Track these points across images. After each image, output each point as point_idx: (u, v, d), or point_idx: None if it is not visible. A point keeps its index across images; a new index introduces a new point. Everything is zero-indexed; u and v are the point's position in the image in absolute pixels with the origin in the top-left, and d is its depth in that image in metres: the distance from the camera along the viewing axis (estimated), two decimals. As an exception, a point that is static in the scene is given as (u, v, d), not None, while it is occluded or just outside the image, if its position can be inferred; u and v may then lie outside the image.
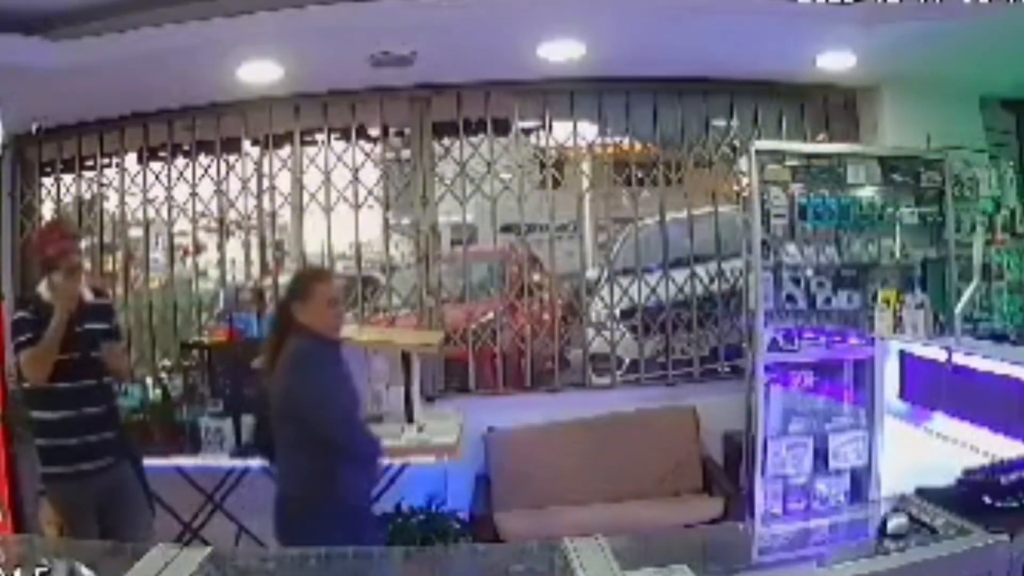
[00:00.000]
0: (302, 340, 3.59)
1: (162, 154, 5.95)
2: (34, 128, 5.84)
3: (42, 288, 3.87)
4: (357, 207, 5.88)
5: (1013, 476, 2.28)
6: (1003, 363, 3.82)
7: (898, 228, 5.25)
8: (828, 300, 5.19)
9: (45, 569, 1.92)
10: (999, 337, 4.20)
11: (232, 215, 6.05)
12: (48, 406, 3.81)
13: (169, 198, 5.97)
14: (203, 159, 5.96)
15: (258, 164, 6.00)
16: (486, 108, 5.84)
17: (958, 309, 4.46)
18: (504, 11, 4.61)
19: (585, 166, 6.21)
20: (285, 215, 6.33)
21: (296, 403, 3.55)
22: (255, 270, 6.29)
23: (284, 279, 6.44)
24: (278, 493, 3.68)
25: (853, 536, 2.56)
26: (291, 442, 3.60)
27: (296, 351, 3.58)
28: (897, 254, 5.22)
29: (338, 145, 5.91)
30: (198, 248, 6.30)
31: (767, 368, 4.97)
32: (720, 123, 6.04)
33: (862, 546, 2.29)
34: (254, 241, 6.24)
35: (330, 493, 3.48)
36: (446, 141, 5.95)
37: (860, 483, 4.98)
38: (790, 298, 5.14)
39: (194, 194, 5.97)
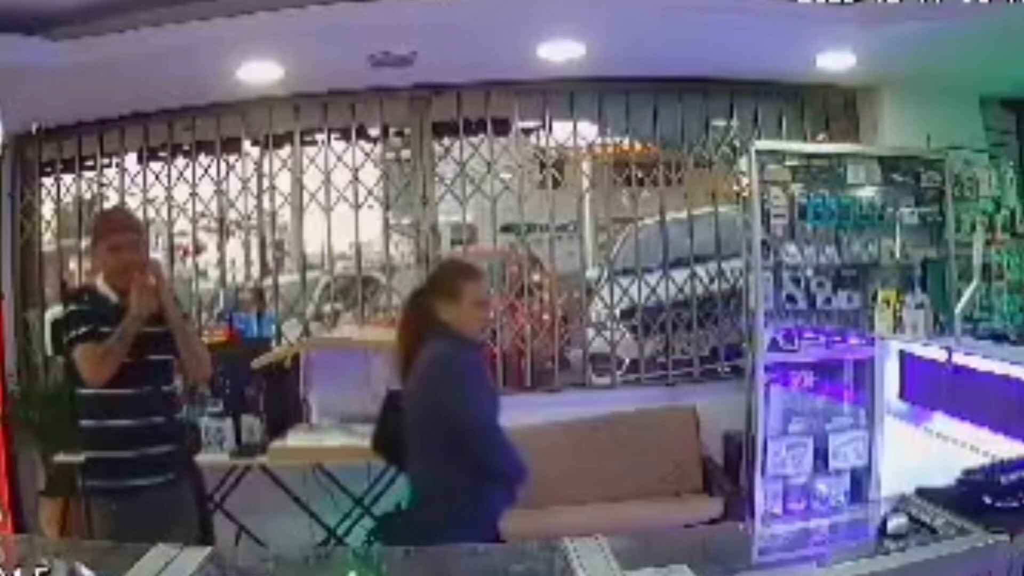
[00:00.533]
0: (444, 341, 3.31)
1: (162, 154, 5.95)
2: (34, 128, 5.84)
3: (99, 281, 3.49)
4: (357, 207, 5.88)
5: (1013, 476, 2.28)
6: (1003, 363, 3.82)
7: (898, 228, 5.24)
8: (828, 300, 5.19)
9: (45, 569, 1.92)
10: (999, 337, 4.20)
11: (232, 215, 6.05)
12: (101, 414, 3.41)
13: (169, 198, 5.97)
14: (203, 159, 5.96)
15: (258, 164, 6.00)
16: (486, 108, 5.84)
17: (958, 309, 4.46)
18: (504, 11, 4.61)
19: (585, 166, 6.21)
20: (285, 215, 6.35)
21: (437, 411, 3.25)
22: (255, 270, 6.30)
23: (284, 279, 6.49)
24: (411, 500, 3.41)
25: (853, 536, 2.56)
26: (427, 451, 3.31)
27: (439, 354, 3.31)
28: (897, 254, 5.22)
29: (338, 145, 5.91)
30: (198, 248, 6.30)
31: (767, 368, 4.97)
32: (720, 123, 6.04)
33: (862, 546, 2.29)
34: (254, 241, 6.26)
35: (465, 510, 3.20)
36: (446, 141, 5.96)
37: (860, 483, 4.98)
38: (790, 298, 5.14)
39: (194, 194, 5.97)
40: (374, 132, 6.00)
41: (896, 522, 2.18)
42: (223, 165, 5.95)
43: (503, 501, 3.37)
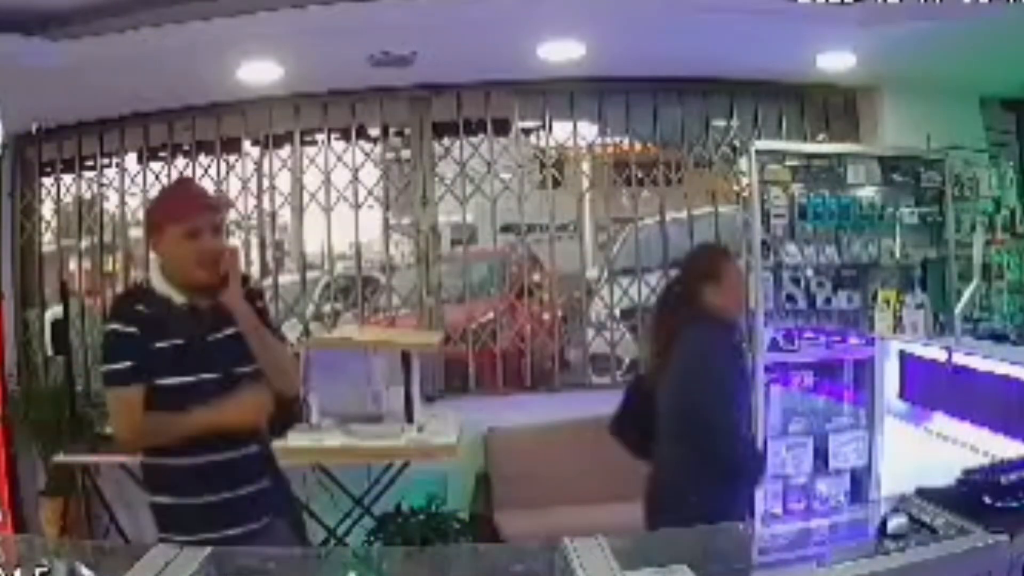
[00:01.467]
0: (707, 325, 3.34)
1: (162, 154, 5.95)
2: (34, 128, 5.84)
3: (155, 277, 2.69)
4: (357, 207, 5.88)
5: (1013, 476, 2.27)
6: (1003, 363, 3.82)
7: (898, 228, 5.25)
8: (828, 300, 5.19)
9: (45, 569, 1.91)
10: (999, 337, 4.21)
11: (232, 215, 6.04)
12: (180, 449, 2.63)
13: (169, 198, 5.96)
14: (203, 159, 5.96)
15: (258, 164, 6.00)
16: (486, 108, 5.84)
17: (958, 309, 4.47)
18: (504, 11, 4.61)
19: (585, 166, 6.21)
20: (285, 215, 6.33)
21: (692, 401, 3.25)
22: (255, 270, 6.29)
23: (284, 279, 6.48)
24: (662, 493, 3.37)
25: (853, 536, 2.55)
26: (680, 445, 3.26)
27: (709, 339, 3.33)
28: (897, 254, 5.22)
29: (338, 145, 5.91)
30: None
31: (767, 368, 4.97)
32: (720, 123, 6.04)
33: (862, 546, 2.28)
34: (254, 241, 6.25)
35: (712, 511, 3.03)
36: (446, 141, 5.95)
37: (860, 483, 4.99)
38: (790, 298, 5.14)
39: (194, 194, 5.95)
40: (374, 132, 6.00)
41: (896, 522, 2.18)
42: (223, 165, 5.95)
43: (746, 500, 3.36)
